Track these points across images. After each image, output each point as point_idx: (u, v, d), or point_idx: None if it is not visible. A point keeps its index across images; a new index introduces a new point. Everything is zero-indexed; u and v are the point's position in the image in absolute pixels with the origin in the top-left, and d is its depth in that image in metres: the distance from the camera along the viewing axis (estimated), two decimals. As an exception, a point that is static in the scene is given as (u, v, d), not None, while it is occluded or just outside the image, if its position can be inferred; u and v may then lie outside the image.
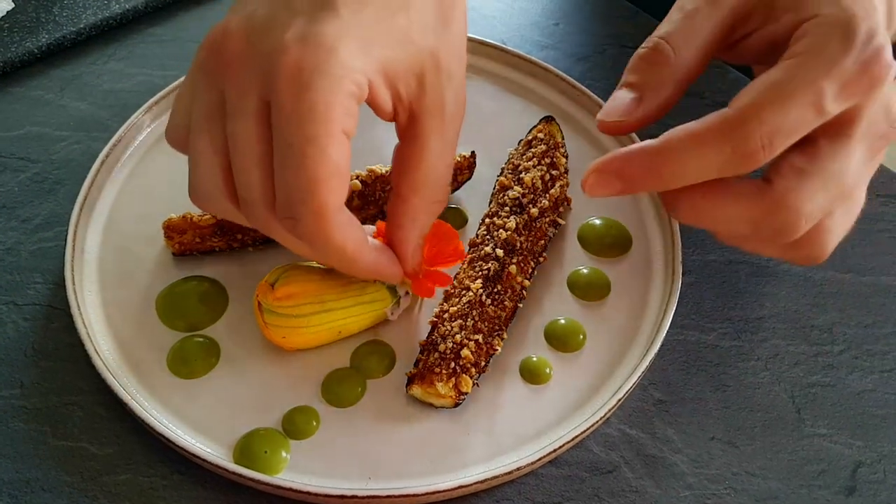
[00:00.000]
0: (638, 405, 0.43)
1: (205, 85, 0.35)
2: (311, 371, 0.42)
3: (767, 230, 0.35)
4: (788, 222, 0.34)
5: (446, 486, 0.38)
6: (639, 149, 0.35)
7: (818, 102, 0.33)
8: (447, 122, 0.37)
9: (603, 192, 0.36)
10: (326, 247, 0.34)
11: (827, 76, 0.32)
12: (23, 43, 0.57)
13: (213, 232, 0.46)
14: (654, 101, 0.37)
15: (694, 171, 0.34)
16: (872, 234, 0.50)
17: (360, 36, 0.33)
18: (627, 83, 0.38)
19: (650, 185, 0.35)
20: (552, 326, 0.45)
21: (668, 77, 0.37)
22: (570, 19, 0.63)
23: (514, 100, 0.55)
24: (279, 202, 0.34)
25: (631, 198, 0.50)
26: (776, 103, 0.32)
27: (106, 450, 0.40)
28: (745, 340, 0.46)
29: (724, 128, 0.33)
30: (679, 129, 0.34)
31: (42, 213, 0.49)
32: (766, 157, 0.33)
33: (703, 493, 0.40)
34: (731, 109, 0.33)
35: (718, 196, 0.35)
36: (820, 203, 0.34)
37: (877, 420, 0.43)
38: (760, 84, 0.33)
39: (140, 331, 0.44)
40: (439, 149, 0.37)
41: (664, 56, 0.37)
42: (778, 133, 0.33)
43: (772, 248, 0.38)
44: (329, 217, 0.33)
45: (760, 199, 0.34)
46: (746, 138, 0.33)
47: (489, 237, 0.46)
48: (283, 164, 0.33)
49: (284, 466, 0.39)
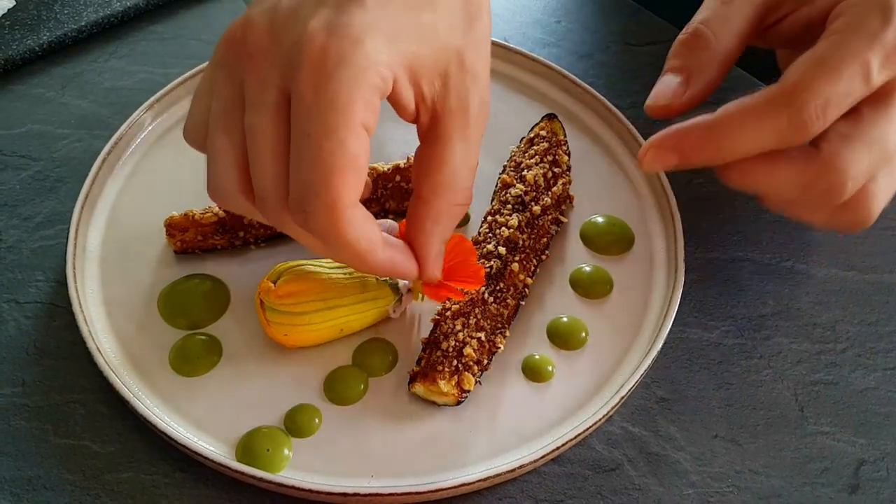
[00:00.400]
0: (641, 403, 0.43)
1: (224, 80, 0.34)
2: (313, 369, 0.42)
3: (816, 193, 0.37)
4: (836, 184, 0.37)
5: (448, 484, 0.38)
6: (695, 124, 0.37)
7: (866, 73, 0.35)
8: (471, 124, 0.36)
9: (659, 167, 0.39)
10: (339, 243, 0.33)
11: (871, 49, 0.35)
12: (24, 41, 0.57)
13: (215, 230, 0.45)
14: (700, 83, 0.40)
15: (750, 143, 0.36)
16: (875, 232, 0.50)
17: (387, 29, 0.33)
18: (672, 68, 0.41)
19: (707, 158, 0.38)
20: (554, 324, 0.45)
21: (711, 59, 0.40)
22: (573, 17, 0.63)
23: (516, 97, 0.55)
24: (292, 195, 0.33)
25: (633, 196, 0.50)
26: (827, 76, 0.35)
27: (108, 448, 0.40)
28: (747, 338, 0.45)
29: (779, 100, 0.36)
30: (733, 103, 0.37)
31: (43, 211, 0.49)
32: (821, 126, 0.36)
33: (706, 491, 0.40)
34: (784, 84, 0.36)
35: (770, 161, 0.37)
36: (865, 165, 0.37)
37: (880, 418, 0.43)
38: (808, 60, 0.36)
39: (142, 329, 0.44)
40: (462, 151, 0.36)
41: (705, 40, 0.40)
42: (830, 103, 0.35)
43: (819, 213, 0.40)
44: (342, 212, 0.32)
45: (810, 163, 0.37)
46: (801, 109, 0.35)
47: (491, 235, 0.46)
48: (298, 156, 0.32)
49: (286, 464, 0.39)
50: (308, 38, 0.32)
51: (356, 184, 0.32)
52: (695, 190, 0.52)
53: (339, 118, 0.31)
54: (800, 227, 0.50)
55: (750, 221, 0.50)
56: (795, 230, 0.50)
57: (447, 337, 0.42)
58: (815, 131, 0.36)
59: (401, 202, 0.48)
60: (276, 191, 0.34)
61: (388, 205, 0.48)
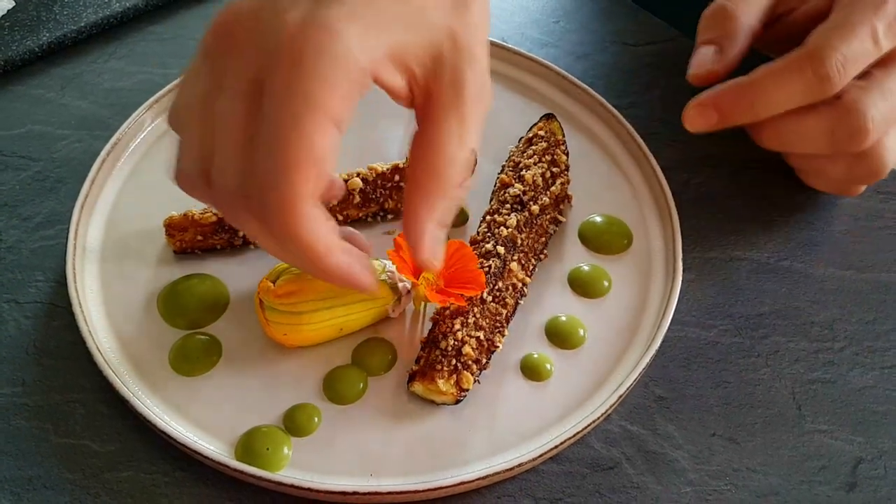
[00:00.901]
0: (639, 402, 0.43)
1: (207, 67, 0.34)
2: (313, 368, 0.43)
3: (840, 137, 0.43)
4: (858, 125, 0.43)
5: (447, 483, 0.38)
6: (733, 83, 0.44)
7: (874, 35, 0.42)
8: (467, 103, 0.34)
9: (701, 124, 0.45)
10: (293, 241, 0.32)
11: (876, 16, 0.42)
12: (24, 41, 0.57)
13: (215, 230, 0.46)
14: (732, 50, 0.45)
15: (781, 98, 0.43)
16: (872, 231, 0.50)
17: (369, 19, 0.32)
18: (705, 40, 0.46)
19: (743, 114, 0.44)
20: (553, 323, 0.45)
21: (738, 30, 0.45)
22: (571, 17, 0.63)
23: (514, 97, 0.55)
24: (250, 186, 0.32)
25: (632, 195, 0.50)
26: (843, 37, 0.42)
27: (108, 447, 0.40)
28: (745, 337, 0.46)
29: (804, 59, 0.42)
30: (763, 66, 0.43)
31: (43, 211, 0.49)
32: (842, 80, 0.42)
33: (704, 490, 0.40)
34: (807, 46, 0.42)
35: (798, 113, 0.43)
36: (882, 109, 0.43)
37: (877, 416, 0.43)
38: (825, 27, 0.43)
39: (141, 328, 0.44)
40: (457, 130, 0.34)
41: (729, 12, 0.46)
42: (847, 60, 0.42)
43: (839, 164, 0.46)
44: (299, 207, 0.31)
45: (833, 109, 0.43)
46: (823, 63, 0.41)
47: (490, 234, 0.46)
48: (260, 147, 0.31)
49: (286, 463, 0.39)
50: (285, 29, 0.31)
51: (317, 180, 0.31)
52: (693, 190, 0.52)
53: (307, 110, 0.30)
54: (798, 226, 0.50)
55: (748, 221, 0.51)
56: (793, 230, 0.50)
57: (446, 336, 0.42)
58: (838, 85, 0.42)
59: (399, 202, 0.48)
60: (234, 181, 0.32)
61: (387, 205, 0.48)
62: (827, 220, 0.51)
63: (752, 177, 0.53)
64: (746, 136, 0.47)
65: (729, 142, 0.54)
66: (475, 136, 0.35)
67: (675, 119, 0.46)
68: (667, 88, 0.57)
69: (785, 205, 0.51)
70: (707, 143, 0.54)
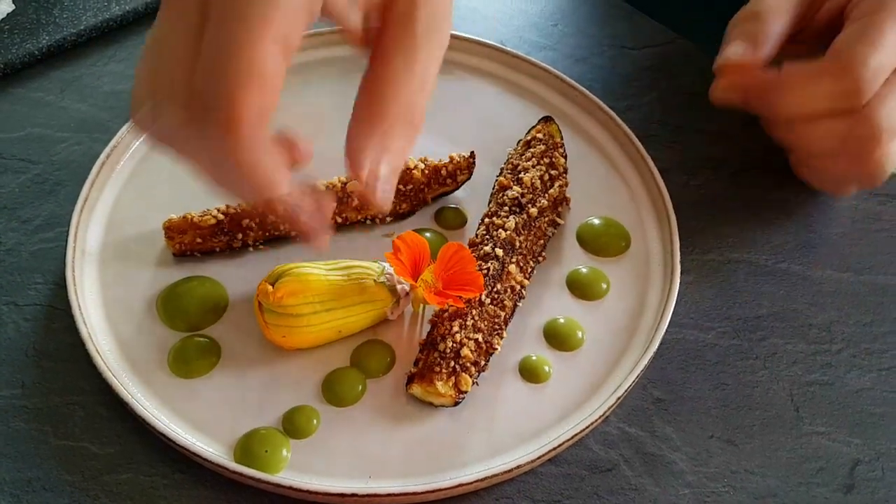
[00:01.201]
0: (637, 404, 0.43)
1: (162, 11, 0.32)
2: (312, 370, 0.43)
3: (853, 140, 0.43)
4: (871, 133, 0.43)
5: (446, 485, 0.38)
6: (764, 73, 0.45)
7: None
8: (417, 39, 0.33)
9: (726, 97, 0.46)
10: (234, 165, 0.30)
11: None
12: (23, 44, 0.57)
13: (214, 232, 0.46)
14: (760, 52, 0.46)
15: (807, 102, 0.44)
16: (870, 234, 0.51)
17: None
18: (736, 36, 0.46)
19: (766, 107, 0.45)
20: (551, 325, 0.45)
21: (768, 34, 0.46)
22: (569, 20, 0.63)
23: (513, 100, 0.56)
24: (192, 106, 0.30)
25: (630, 198, 0.50)
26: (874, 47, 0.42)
27: (107, 449, 0.40)
28: (743, 339, 0.46)
29: (837, 68, 0.42)
30: (796, 64, 0.44)
31: (43, 213, 0.49)
32: (870, 94, 0.42)
33: (702, 492, 0.40)
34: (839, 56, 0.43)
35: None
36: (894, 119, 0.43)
37: (875, 418, 0.43)
38: (854, 32, 0.43)
39: (141, 331, 0.44)
40: (403, 67, 0.33)
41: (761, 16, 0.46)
42: (878, 73, 0.42)
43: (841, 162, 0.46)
44: (242, 129, 0.29)
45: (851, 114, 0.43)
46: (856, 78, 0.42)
47: (488, 237, 0.46)
48: (200, 66, 0.30)
49: (285, 466, 0.39)
50: None
51: (261, 101, 0.30)
52: (691, 192, 0.52)
53: (253, 25, 0.29)
54: (796, 228, 0.50)
55: (746, 223, 0.51)
56: (791, 232, 0.50)
57: (444, 338, 0.42)
58: (867, 98, 0.42)
59: (398, 203, 0.48)
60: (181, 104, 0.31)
61: (386, 207, 0.48)
62: (825, 222, 0.51)
63: (750, 179, 0.53)
64: (744, 139, 0.47)
65: (726, 144, 0.54)
66: (426, 76, 0.34)
67: (673, 121, 0.46)
68: (664, 91, 0.57)
69: (783, 207, 0.52)
70: (704, 145, 0.54)
